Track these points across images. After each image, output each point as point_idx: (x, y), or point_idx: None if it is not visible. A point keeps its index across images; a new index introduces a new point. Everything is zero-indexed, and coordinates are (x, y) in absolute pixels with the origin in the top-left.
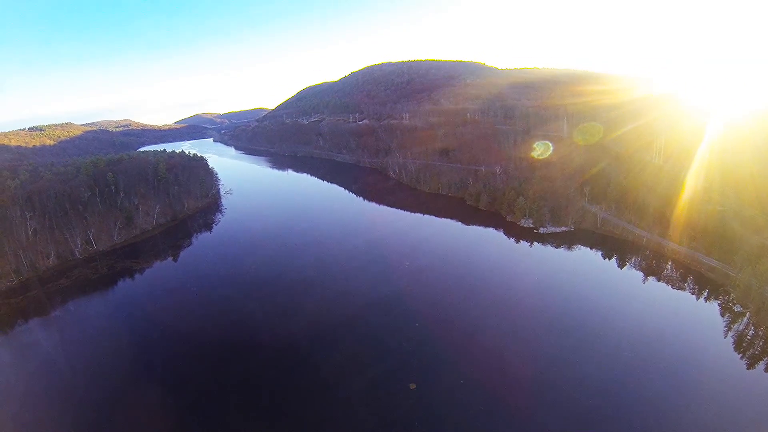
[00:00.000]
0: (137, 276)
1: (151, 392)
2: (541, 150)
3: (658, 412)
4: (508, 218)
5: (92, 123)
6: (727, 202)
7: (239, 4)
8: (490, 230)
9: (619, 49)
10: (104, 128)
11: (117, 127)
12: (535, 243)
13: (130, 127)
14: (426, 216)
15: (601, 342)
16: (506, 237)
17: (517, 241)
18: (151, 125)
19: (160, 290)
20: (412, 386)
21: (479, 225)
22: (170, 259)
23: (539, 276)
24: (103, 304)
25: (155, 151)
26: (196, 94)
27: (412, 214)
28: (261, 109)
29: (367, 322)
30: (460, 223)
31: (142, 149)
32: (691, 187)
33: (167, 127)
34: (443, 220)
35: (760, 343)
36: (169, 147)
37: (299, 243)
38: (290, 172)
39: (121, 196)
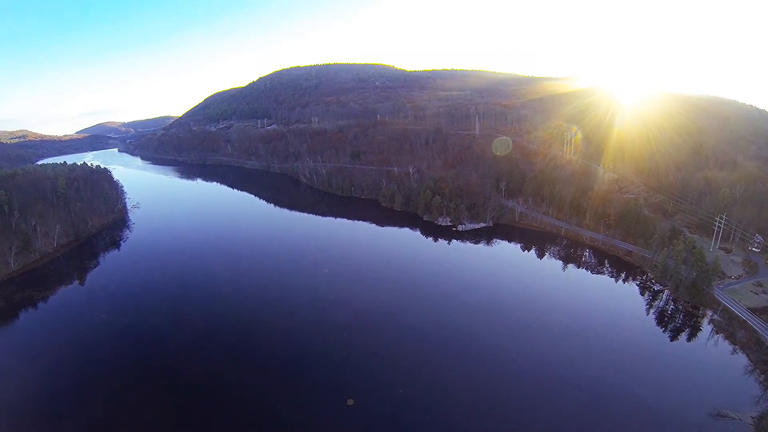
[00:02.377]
0: (40, 306)
1: None
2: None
3: (593, 389)
4: (425, 218)
5: None
6: (636, 191)
7: (142, 15)
8: (408, 231)
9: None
10: None
11: (12, 138)
12: (455, 240)
13: (27, 139)
14: (340, 220)
15: (529, 332)
16: (424, 236)
17: (436, 240)
18: (50, 136)
19: (65, 321)
20: (350, 402)
21: (396, 226)
22: (76, 282)
23: (462, 272)
24: (2, 342)
25: (54, 164)
26: (99, 104)
27: (326, 218)
28: (167, 117)
29: (291, 336)
30: (376, 225)
31: (40, 162)
32: (601, 178)
33: (68, 138)
34: (358, 223)
35: (680, 317)
36: (71, 159)
37: (211, 257)
38: (199, 181)
39: (15, 216)
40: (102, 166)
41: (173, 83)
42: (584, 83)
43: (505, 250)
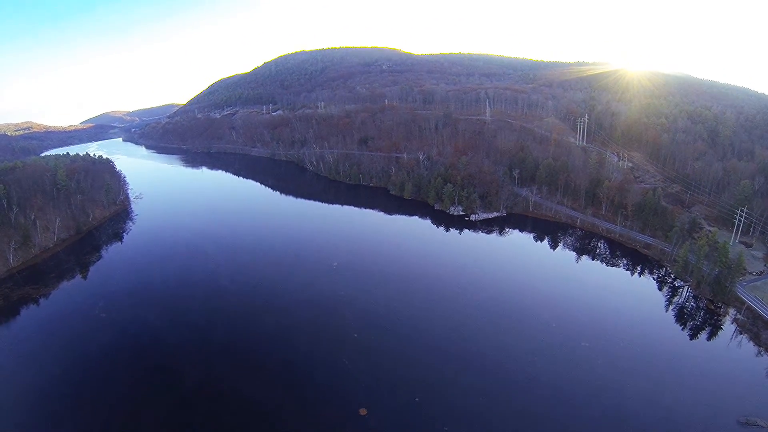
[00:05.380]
0: (39, 304)
1: None
2: None
3: (614, 393)
4: (437, 206)
5: None
6: (652, 180)
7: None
8: (419, 220)
9: (537, 34)
10: (2, 133)
11: (17, 130)
12: (467, 231)
13: (32, 131)
14: (349, 208)
15: (547, 331)
16: (436, 226)
17: (447, 230)
18: (55, 127)
19: (63, 320)
20: (363, 412)
21: (406, 215)
22: (76, 278)
23: (477, 265)
24: None
25: (56, 156)
26: (103, 92)
27: (334, 207)
28: (172, 105)
29: (298, 336)
30: (385, 214)
31: (44, 154)
32: (616, 166)
33: (73, 128)
34: (368, 211)
35: (701, 314)
36: (76, 150)
37: (214, 249)
38: (204, 169)
39: (14, 211)
40: (105, 156)
41: (178, 70)
42: (596, 68)
43: (520, 240)
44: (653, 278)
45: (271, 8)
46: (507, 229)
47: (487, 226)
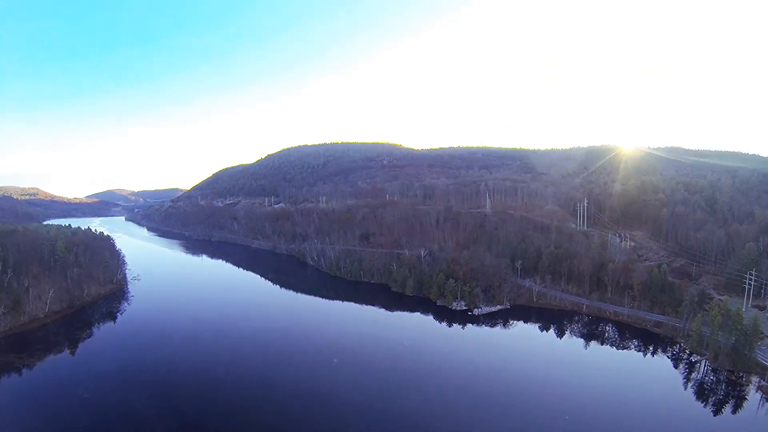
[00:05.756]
0: (20, 374)
1: None
2: None
3: None
4: (439, 302)
5: None
6: (656, 257)
7: (160, 82)
8: (422, 316)
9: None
10: (8, 195)
11: (23, 195)
12: (471, 325)
13: (37, 197)
14: (349, 304)
15: (557, 422)
16: (439, 322)
17: (450, 325)
18: (60, 197)
19: (43, 394)
20: None
21: (408, 311)
22: (63, 353)
23: (482, 360)
24: None
25: (58, 226)
26: (110, 168)
27: (335, 303)
28: (176, 189)
29: None
30: (386, 311)
31: (47, 222)
32: (619, 247)
33: (78, 201)
34: (369, 308)
35: (723, 387)
36: (78, 223)
37: (210, 338)
38: (204, 257)
39: (8, 274)
40: (106, 233)
41: (185, 155)
42: (590, 151)
43: (525, 332)
44: (667, 356)
45: (276, 102)
46: (511, 321)
47: (491, 319)
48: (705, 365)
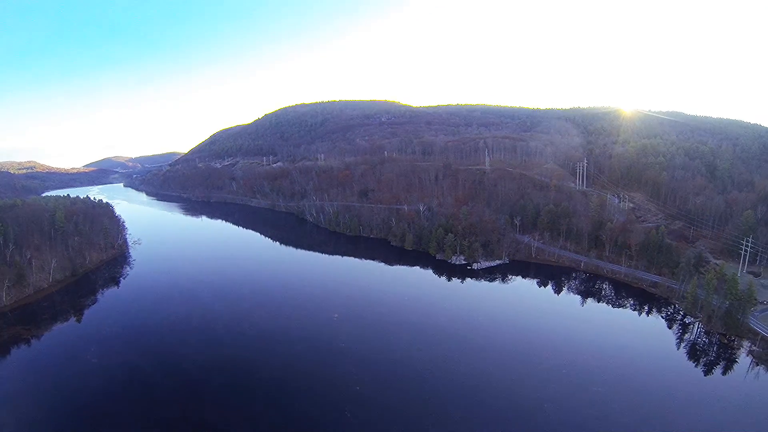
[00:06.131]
0: (29, 345)
1: None
2: None
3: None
4: (438, 257)
5: None
6: (655, 219)
7: (152, 53)
8: (421, 270)
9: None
10: (6, 170)
11: (20, 169)
12: (470, 279)
13: (35, 170)
14: (349, 259)
15: (557, 377)
16: (438, 276)
17: (450, 279)
18: (58, 168)
19: (53, 363)
20: None
21: (408, 266)
22: (69, 321)
23: (480, 313)
24: None
25: (56, 197)
26: (107, 136)
27: (335, 258)
28: (174, 153)
29: (297, 389)
30: (386, 265)
31: (46, 194)
32: (617, 208)
33: (75, 171)
34: (369, 262)
35: (715, 349)
36: (77, 192)
37: (211, 298)
38: (204, 218)
39: (10, 248)
40: (105, 201)
41: (181, 119)
42: (590, 112)
43: (524, 287)
44: (662, 316)
45: (273, 62)
46: (510, 276)
47: (489, 274)
48: (698, 327)
